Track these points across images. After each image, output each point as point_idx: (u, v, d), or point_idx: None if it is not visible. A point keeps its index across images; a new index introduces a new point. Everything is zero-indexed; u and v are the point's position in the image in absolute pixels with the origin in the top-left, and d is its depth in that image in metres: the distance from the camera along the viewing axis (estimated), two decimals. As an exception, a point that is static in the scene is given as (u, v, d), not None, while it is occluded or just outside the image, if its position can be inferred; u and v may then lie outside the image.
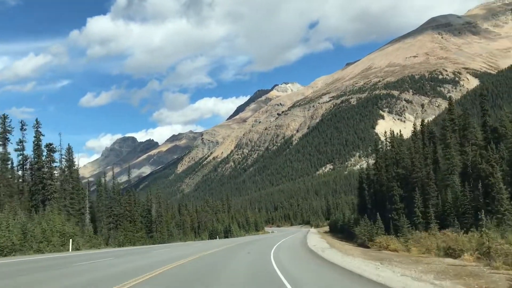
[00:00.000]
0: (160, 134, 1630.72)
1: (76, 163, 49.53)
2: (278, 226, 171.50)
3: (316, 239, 47.12)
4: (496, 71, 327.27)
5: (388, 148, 51.45)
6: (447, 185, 37.66)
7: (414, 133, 46.35)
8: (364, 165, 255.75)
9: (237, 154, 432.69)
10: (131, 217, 52.33)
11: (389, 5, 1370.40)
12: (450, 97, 63.23)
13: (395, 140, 48.79)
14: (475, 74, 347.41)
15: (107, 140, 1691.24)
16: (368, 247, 37.89)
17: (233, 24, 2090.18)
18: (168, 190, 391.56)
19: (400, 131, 65.98)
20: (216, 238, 74.47)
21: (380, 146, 58.46)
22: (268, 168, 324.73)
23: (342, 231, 70.73)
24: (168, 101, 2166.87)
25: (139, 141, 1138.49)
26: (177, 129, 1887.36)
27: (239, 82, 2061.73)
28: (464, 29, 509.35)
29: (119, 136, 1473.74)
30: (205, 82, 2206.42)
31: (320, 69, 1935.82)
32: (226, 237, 77.60)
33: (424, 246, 29.47)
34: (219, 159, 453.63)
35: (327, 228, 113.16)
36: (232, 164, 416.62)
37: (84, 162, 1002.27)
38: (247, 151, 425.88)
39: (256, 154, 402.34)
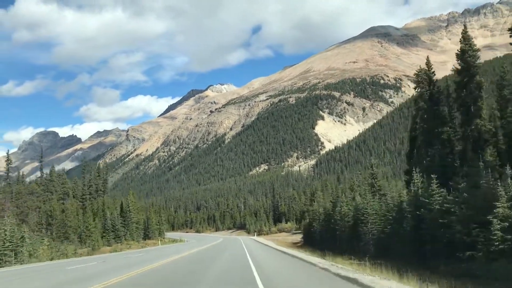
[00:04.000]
0: (87, 130, 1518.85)
1: None
2: (197, 231, 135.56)
3: None
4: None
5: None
6: None
7: None
8: (303, 167, 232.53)
9: (163, 152, 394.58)
10: None
11: (330, 16, 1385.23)
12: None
13: None
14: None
15: (28, 133, 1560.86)
16: None
17: (173, 20, 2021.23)
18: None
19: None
20: None
21: None
22: (196, 167, 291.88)
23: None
24: (97, 96, 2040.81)
25: (61, 136, 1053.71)
26: (106, 126, 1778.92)
27: (177, 82, 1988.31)
28: (403, 40, 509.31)
29: (42, 129, 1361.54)
30: (140, 80, 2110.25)
31: (258, 73, 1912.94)
32: None
33: None
34: (143, 157, 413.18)
35: (289, 237, 76.26)
36: (157, 162, 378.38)
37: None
38: (174, 148, 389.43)
39: (184, 152, 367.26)
